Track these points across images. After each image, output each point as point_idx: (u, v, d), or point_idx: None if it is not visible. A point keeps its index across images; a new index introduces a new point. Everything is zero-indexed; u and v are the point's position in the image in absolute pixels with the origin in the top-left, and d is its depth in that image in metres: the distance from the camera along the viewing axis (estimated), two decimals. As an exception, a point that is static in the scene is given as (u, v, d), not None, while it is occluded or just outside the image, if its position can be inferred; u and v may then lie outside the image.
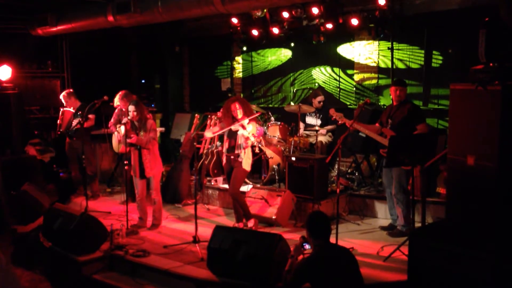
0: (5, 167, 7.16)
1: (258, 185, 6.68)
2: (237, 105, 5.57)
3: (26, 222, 6.29)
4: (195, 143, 5.85)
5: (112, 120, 6.89)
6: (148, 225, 6.02)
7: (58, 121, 7.48)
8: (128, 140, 5.76)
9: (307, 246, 3.70)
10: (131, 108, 5.81)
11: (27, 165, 7.59)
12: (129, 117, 5.82)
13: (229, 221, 6.26)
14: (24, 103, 8.86)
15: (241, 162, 5.57)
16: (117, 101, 6.77)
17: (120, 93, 6.71)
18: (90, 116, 7.13)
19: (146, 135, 5.80)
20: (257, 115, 5.71)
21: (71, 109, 7.33)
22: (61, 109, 7.50)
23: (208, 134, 6.12)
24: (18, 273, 5.13)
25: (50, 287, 5.05)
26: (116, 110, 6.90)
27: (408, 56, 7.43)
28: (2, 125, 8.07)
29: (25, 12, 8.58)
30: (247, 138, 5.48)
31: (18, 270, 5.27)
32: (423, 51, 7.26)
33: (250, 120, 5.54)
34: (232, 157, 5.65)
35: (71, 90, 7.51)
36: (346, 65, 8.20)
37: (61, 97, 7.44)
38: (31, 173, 7.44)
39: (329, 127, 7.29)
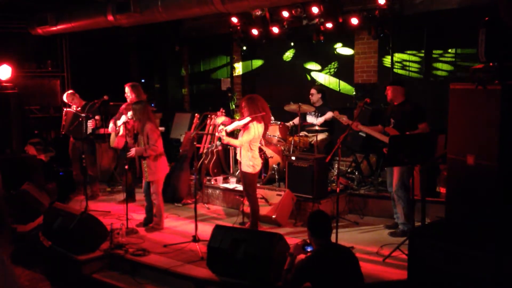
0: (5, 167, 7.15)
1: (258, 185, 6.66)
2: (244, 103, 5.42)
3: (26, 222, 6.29)
4: (195, 143, 5.84)
5: (117, 115, 6.79)
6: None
7: (63, 122, 7.33)
8: (128, 155, 5.69)
9: (309, 249, 3.67)
10: (129, 113, 5.73)
11: (27, 165, 7.58)
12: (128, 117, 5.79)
13: (229, 221, 6.26)
14: (24, 103, 8.85)
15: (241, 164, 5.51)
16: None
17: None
18: (97, 117, 7.10)
19: (145, 140, 5.61)
20: (245, 120, 5.35)
21: (73, 109, 7.22)
22: (64, 110, 7.42)
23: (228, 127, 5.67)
24: (18, 272, 5.13)
25: (50, 286, 5.05)
26: (123, 105, 6.79)
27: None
28: (2, 125, 8.06)
29: (25, 12, 8.57)
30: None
31: (18, 269, 5.26)
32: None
33: (250, 121, 5.36)
34: (237, 159, 5.61)
35: (72, 90, 7.44)
36: (346, 64, 8.19)
37: (64, 98, 7.38)
38: (31, 172, 7.43)
39: (327, 116, 7.05)
